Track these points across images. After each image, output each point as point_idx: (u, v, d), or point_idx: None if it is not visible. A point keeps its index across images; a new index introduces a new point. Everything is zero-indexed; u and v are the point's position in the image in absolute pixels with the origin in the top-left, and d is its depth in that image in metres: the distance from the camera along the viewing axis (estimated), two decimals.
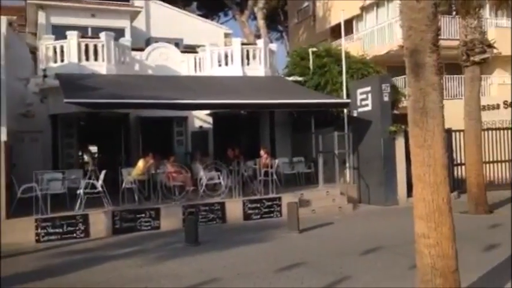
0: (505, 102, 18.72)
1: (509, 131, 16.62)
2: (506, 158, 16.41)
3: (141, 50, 17.34)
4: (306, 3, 30.65)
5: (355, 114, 14.69)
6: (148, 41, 19.10)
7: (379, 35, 22.55)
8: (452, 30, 20.33)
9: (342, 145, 14.48)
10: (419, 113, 4.98)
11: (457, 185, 14.77)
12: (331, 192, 13.60)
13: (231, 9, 32.87)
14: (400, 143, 13.69)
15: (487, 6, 18.22)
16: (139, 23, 20.51)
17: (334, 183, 14.21)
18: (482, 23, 12.04)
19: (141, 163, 12.46)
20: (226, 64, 16.62)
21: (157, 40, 18.47)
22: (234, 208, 12.05)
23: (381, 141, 13.74)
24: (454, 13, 17.51)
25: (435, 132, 4.93)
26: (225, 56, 16.72)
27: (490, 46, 11.63)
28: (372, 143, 14.03)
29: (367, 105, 14.25)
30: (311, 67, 17.42)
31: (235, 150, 15.12)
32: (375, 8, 23.64)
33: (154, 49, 17.27)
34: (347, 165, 14.79)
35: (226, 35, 22.42)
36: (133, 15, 19.69)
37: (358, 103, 14.53)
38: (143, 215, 11.23)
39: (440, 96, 4.99)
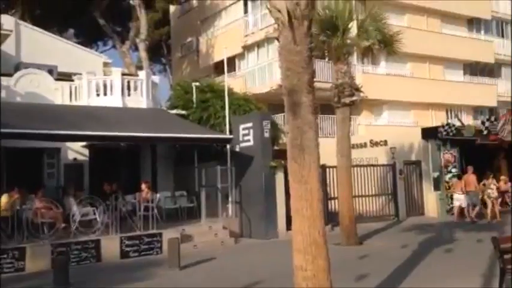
0: (371, 141, 20.59)
1: (376, 168, 18.25)
2: (373, 193, 17.94)
3: (10, 75, 16.07)
4: (189, 39, 31.11)
5: (237, 149, 15.04)
6: (18, 67, 17.78)
7: (260, 73, 23.64)
8: (325, 74, 22.07)
9: (224, 179, 14.65)
10: (297, 149, 5.27)
11: (331, 218, 15.71)
12: (214, 226, 13.60)
13: (112, 39, 32.05)
14: (280, 177, 14.24)
15: (355, 54, 20.15)
16: (9, 47, 19.03)
17: (216, 218, 14.25)
18: (351, 68, 13.27)
19: (4, 198, 11.36)
20: (105, 94, 16.05)
21: (27, 66, 17.29)
22: (110, 246, 11.43)
23: (262, 176, 14.18)
24: (327, 58, 19.03)
25: (311, 168, 5.24)
26: (104, 85, 16.16)
27: (358, 90, 12.81)
28: (253, 177, 14.41)
29: (249, 140, 14.69)
30: (194, 101, 17.57)
31: (112, 185, 14.49)
32: (256, 48, 24.81)
33: (24, 75, 16.14)
34: (229, 199, 14.96)
35: (106, 64, 21.73)
36: (1, 38, 18.21)
37: (241, 138, 14.92)
38: (5, 256, 10.15)
39: (316, 135, 5.35)
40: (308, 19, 5.21)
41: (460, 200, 16.99)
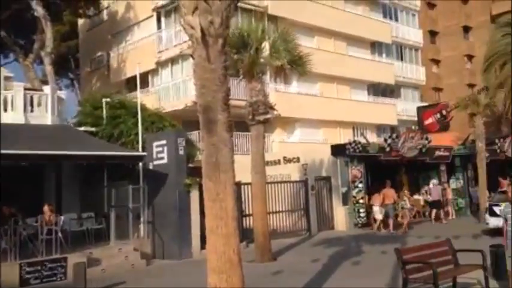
0: (284, 158, 21.09)
1: (289, 184, 18.69)
2: (287, 209, 18.32)
3: None
4: (99, 53, 30.04)
5: (151, 167, 14.66)
6: None
7: (175, 90, 23.38)
8: (240, 92, 22.33)
9: (136, 199, 14.18)
10: (212, 167, 5.25)
11: (246, 235, 15.77)
12: (124, 248, 13.06)
13: (14, 52, 29.99)
14: (194, 195, 14.07)
15: (269, 72, 20.63)
16: None
17: (127, 239, 13.70)
18: (264, 87, 13.58)
19: None
20: (6, 110, 14.94)
21: None
22: (8, 273, 10.52)
23: (176, 194, 13.92)
24: (241, 76, 19.27)
25: (227, 186, 5.24)
26: (4, 101, 15.05)
27: (272, 108, 13.12)
28: (167, 196, 14.10)
29: (163, 158, 14.40)
30: (104, 117, 16.91)
31: (11, 207, 13.42)
32: (170, 64, 24.54)
33: None
34: (141, 219, 14.48)
35: (7, 78, 20.23)
36: None
37: (154, 156, 14.58)
38: None
39: (231, 152, 5.37)
40: (222, 37, 5.25)
41: (378, 212, 18.62)
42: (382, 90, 32.96)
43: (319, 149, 22.45)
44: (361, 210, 20.02)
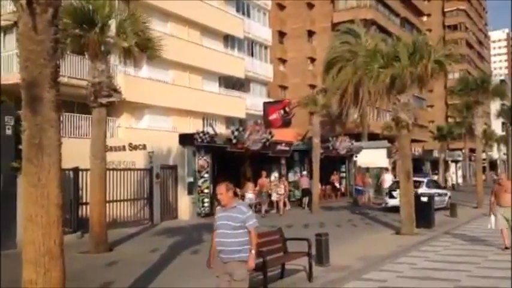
0: (130, 145, 20.36)
1: (133, 172, 18.07)
2: (130, 197, 17.69)
3: None
4: None
5: None
6: None
7: (7, 62, 20.91)
8: (82, 71, 20.88)
9: None
10: (34, 149, 4.74)
11: (81, 224, 14.83)
12: None
13: None
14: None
15: (117, 54, 19.63)
16: None
17: None
18: (110, 68, 12.84)
19: None
20: None
21: None
22: None
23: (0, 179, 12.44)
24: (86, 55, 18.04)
25: (51, 171, 4.77)
26: None
27: (116, 91, 12.46)
28: None
29: None
30: None
31: None
32: (2, 34, 21.91)
33: None
34: None
35: None
36: None
37: None
38: None
39: (58, 134, 4.90)
40: (53, 6, 4.75)
41: (251, 199, 20.49)
42: (233, 83, 33.89)
43: (168, 138, 22.17)
44: (206, 200, 20.31)
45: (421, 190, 20.36)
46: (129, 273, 9.12)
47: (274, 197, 22.35)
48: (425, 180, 23.77)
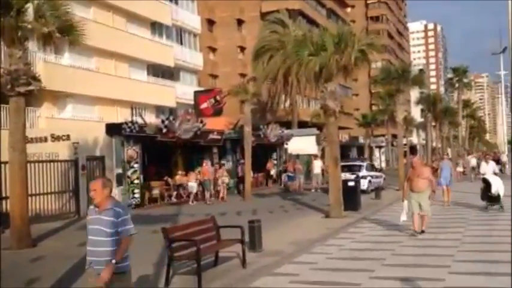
0: (52, 136, 19.38)
1: (56, 163, 17.24)
2: (54, 190, 16.89)
3: None
4: None
5: None
6: None
7: None
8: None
9: None
10: None
11: (2, 219, 13.95)
12: None
13: None
14: None
15: (36, 40, 18.55)
16: None
17: None
18: (28, 54, 12.09)
19: None
20: None
21: None
22: None
23: None
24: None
25: None
26: None
27: (35, 79, 11.75)
28: None
29: None
30: None
31: None
32: None
33: None
34: None
35: None
36: None
37: None
38: None
39: None
40: None
41: (193, 187, 21.53)
42: (162, 71, 33.22)
43: (94, 128, 21.33)
44: (136, 190, 19.87)
45: (362, 173, 23.46)
46: (55, 268, 8.75)
47: (218, 185, 22.89)
48: (364, 164, 26.95)
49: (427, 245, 10.18)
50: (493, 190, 14.98)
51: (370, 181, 24.13)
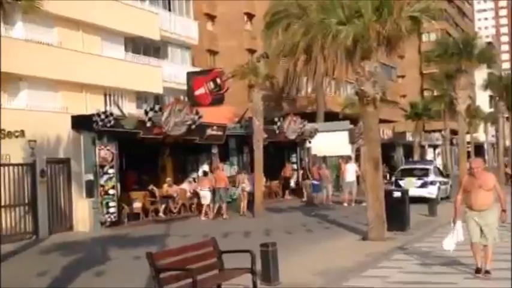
0: (1, 131, 19.56)
1: (7, 168, 17.44)
2: (4, 203, 17.05)
3: None
4: None
5: None
6: None
7: None
8: None
9: None
10: None
11: None
12: None
13: None
14: None
15: None
16: None
17: None
18: None
19: None
20: None
21: None
22: None
23: None
24: None
25: None
26: None
27: None
28: None
29: None
30: None
31: None
32: None
33: None
34: None
35: None
36: None
37: None
38: None
39: None
40: None
41: (206, 197, 21.99)
42: (144, 47, 33.36)
43: (56, 121, 21.53)
44: (111, 204, 20.04)
45: (430, 178, 24.58)
46: None
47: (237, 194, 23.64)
48: (431, 167, 27.31)
49: None
50: None
51: (439, 188, 24.99)
